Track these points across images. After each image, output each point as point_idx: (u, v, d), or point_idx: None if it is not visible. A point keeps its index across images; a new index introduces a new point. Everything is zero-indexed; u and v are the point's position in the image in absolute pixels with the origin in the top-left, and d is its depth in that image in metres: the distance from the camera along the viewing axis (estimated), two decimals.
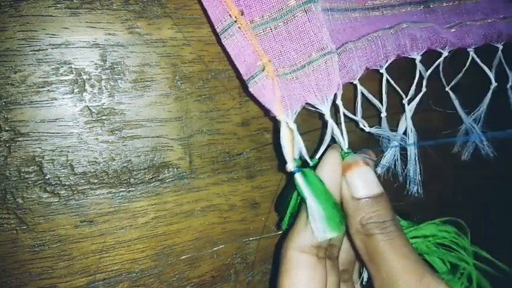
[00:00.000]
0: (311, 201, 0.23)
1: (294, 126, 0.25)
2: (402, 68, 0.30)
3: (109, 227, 0.25)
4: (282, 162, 0.25)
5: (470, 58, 0.33)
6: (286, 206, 0.26)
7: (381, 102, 0.30)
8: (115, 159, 0.25)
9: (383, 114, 0.30)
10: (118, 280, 0.26)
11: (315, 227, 0.23)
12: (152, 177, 0.26)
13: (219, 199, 0.28)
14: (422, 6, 0.33)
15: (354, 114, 0.28)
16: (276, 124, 0.29)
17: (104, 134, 0.25)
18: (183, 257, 0.27)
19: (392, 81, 0.30)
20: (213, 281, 0.29)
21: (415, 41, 0.29)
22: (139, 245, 0.26)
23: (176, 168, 0.27)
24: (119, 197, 0.25)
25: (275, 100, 0.24)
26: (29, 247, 0.24)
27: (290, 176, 0.25)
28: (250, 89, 0.25)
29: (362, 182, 0.24)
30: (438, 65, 0.32)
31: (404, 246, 0.23)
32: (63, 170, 0.24)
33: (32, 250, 0.24)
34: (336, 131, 0.26)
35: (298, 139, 0.25)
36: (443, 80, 0.32)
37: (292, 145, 0.25)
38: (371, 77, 0.30)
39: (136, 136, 0.25)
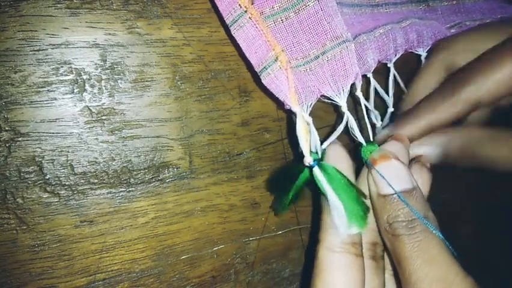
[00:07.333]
0: (332, 196, 0.22)
1: (309, 119, 0.24)
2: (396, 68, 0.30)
3: (109, 227, 0.25)
4: (298, 156, 0.23)
5: None
6: (285, 192, 0.26)
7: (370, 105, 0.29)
8: (115, 159, 0.25)
9: (390, 110, 0.29)
10: (118, 280, 0.26)
11: (338, 222, 0.22)
12: (152, 177, 0.26)
13: (219, 199, 0.28)
14: (423, 5, 0.34)
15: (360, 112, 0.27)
16: (290, 119, 0.28)
17: (104, 134, 0.25)
18: (183, 257, 0.27)
19: (398, 77, 0.29)
20: (213, 281, 0.29)
21: (421, 37, 0.29)
22: (139, 245, 0.26)
23: (176, 168, 0.27)
24: (119, 197, 0.25)
25: (289, 91, 0.23)
26: (29, 247, 0.24)
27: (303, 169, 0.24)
28: (263, 81, 0.24)
29: (388, 178, 0.22)
30: None
31: (432, 248, 0.20)
32: (63, 170, 0.24)
33: (32, 250, 0.24)
34: (353, 124, 0.24)
35: (314, 132, 0.24)
36: None
37: (309, 138, 0.23)
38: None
39: (136, 136, 0.25)
